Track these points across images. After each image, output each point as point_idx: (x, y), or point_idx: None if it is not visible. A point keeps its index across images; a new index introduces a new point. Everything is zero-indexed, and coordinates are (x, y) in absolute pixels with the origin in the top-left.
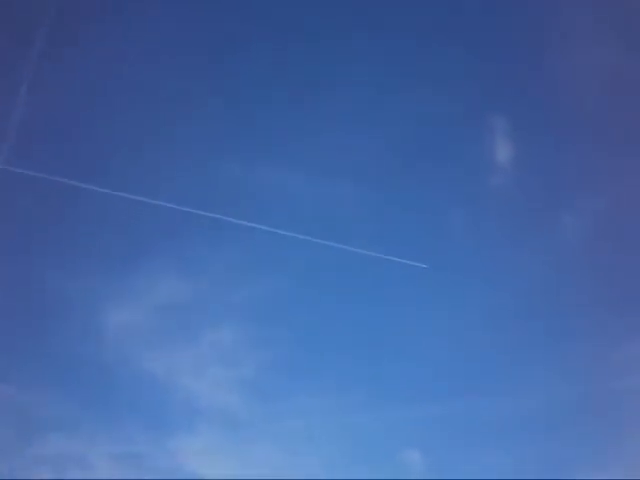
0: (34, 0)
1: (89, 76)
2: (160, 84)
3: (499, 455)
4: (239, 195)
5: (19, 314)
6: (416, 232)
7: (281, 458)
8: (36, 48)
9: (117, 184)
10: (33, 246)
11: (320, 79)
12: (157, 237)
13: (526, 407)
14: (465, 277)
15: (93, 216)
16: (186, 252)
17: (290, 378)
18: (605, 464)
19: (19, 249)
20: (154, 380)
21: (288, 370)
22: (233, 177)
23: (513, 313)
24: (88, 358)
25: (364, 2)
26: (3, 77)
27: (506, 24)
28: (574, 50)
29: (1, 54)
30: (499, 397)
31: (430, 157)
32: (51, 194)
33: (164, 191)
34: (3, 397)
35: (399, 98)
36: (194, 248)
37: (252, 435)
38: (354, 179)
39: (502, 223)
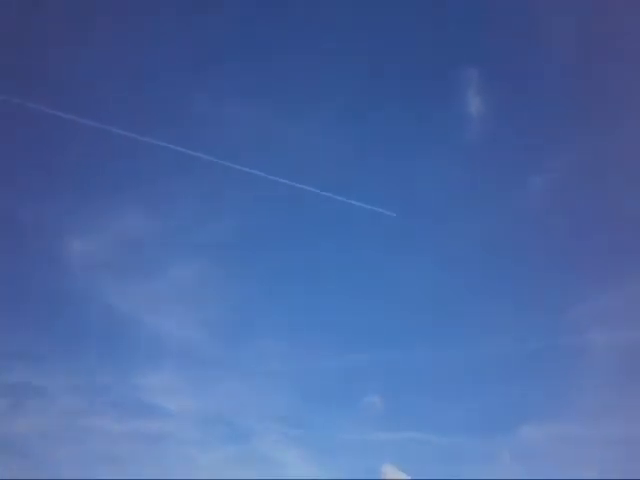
0: None
1: None
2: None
3: (456, 401)
4: (210, 132)
5: None
6: (385, 181)
7: (246, 397)
8: None
9: (86, 113)
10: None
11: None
12: (127, 170)
13: (483, 356)
14: (432, 226)
15: (62, 145)
16: (155, 187)
17: (256, 319)
18: (556, 413)
19: None
20: (119, 314)
21: (254, 311)
22: (205, 114)
23: (477, 265)
24: (52, 289)
25: None
26: None
27: None
28: (549, 10)
29: None
30: (459, 346)
31: (403, 109)
32: (18, 121)
33: (137, 124)
34: None
35: (372, 44)
36: (164, 183)
37: (217, 373)
38: (325, 125)
39: (470, 175)
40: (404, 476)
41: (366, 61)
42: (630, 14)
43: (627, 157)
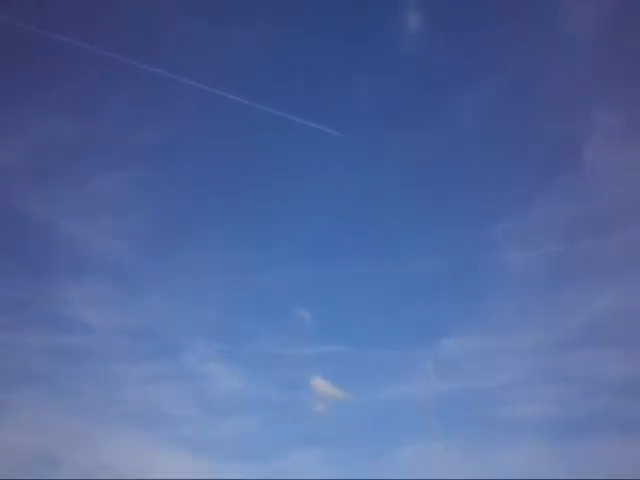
0: None
1: None
2: None
3: (381, 315)
4: (144, 37)
5: None
6: (329, 101)
7: (173, 311)
8: None
9: (6, 10)
10: None
11: None
12: (50, 73)
13: (408, 272)
14: (374, 146)
15: None
16: (80, 91)
17: (181, 232)
18: (474, 327)
19: None
20: (38, 224)
21: (181, 223)
22: (137, 15)
23: (409, 183)
24: None
25: None
26: None
27: None
28: None
29: None
30: (385, 261)
31: (341, 27)
32: None
33: (60, 22)
34: None
35: None
36: (88, 87)
37: (142, 287)
38: (265, 36)
39: (409, 94)
40: (332, 389)
41: None
42: None
43: (556, 81)
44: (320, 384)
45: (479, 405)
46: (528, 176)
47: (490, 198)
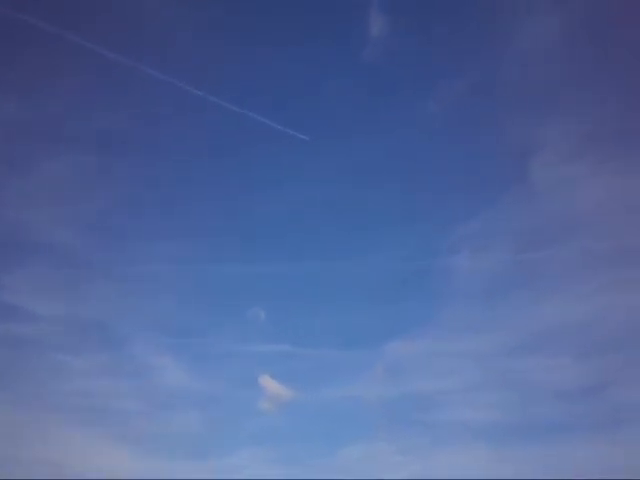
0: None
1: None
2: None
3: (333, 315)
4: (99, 17)
5: None
6: (297, 105)
7: (122, 302)
8: None
9: None
10: None
11: None
12: None
13: (361, 273)
14: (338, 149)
15: None
16: (26, 74)
17: (134, 221)
18: (423, 330)
19: None
20: None
21: (132, 212)
22: None
23: (372, 184)
24: None
25: None
26: None
27: None
28: None
29: None
30: (339, 262)
31: (312, 34)
32: None
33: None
34: None
35: None
36: (36, 70)
37: (90, 276)
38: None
39: (374, 97)
40: (281, 388)
41: None
42: None
43: (520, 87)
44: (268, 382)
45: (424, 408)
46: (484, 184)
47: (446, 204)
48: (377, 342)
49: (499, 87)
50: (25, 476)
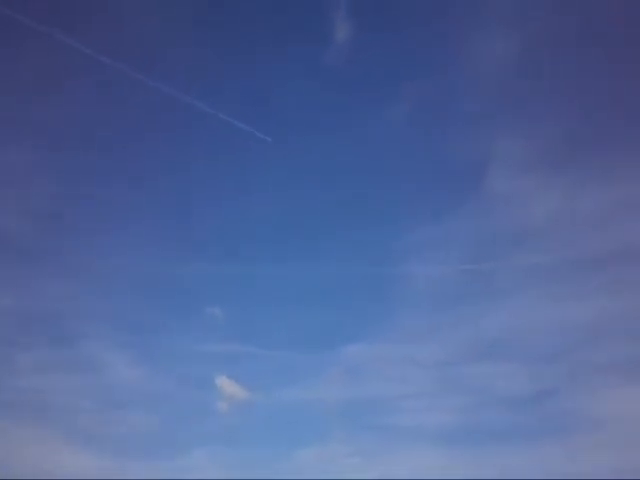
0: None
1: None
2: None
3: (289, 317)
4: (56, 3)
5: None
6: (262, 106)
7: (76, 296)
8: None
9: None
10: None
11: None
12: None
13: (321, 277)
14: (300, 152)
15: None
16: None
17: (93, 214)
18: (377, 335)
19: None
20: None
21: (91, 205)
22: None
23: (332, 191)
24: None
25: None
26: None
27: None
28: None
29: None
30: (300, 265)
31: (278, 38)
32: None
33: None
34: None
35: None
36: None
37: (42, 269)
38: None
39: (336, 100)
40: (238, 389)
41: None
42: None
43: (476, 99)
44: (226, 383)
45: (379, 411)
46: (440, 193)
47: (402, 211)
48: (334, 346)
49: (456, 99)
50: None
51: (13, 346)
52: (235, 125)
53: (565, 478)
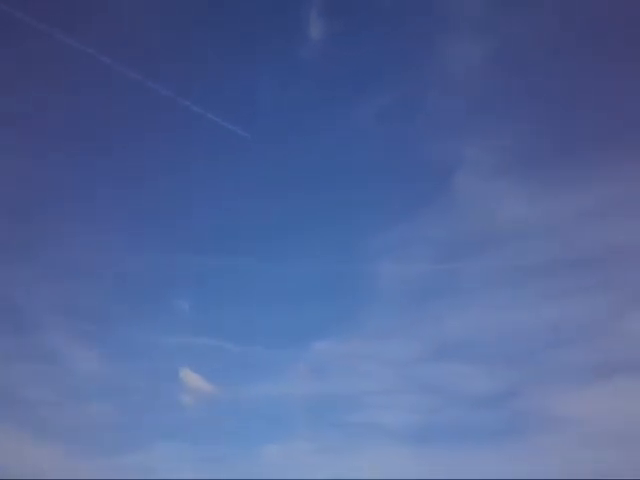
0: None
1: None
2: None
3: (257, 311)
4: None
5: None
6: (240, 102)
7: (31, 283)
8: None
9: None
10: None
11: None
12: None
13: (289, 273)
14: (276, 149)
15: None
16: None
17: (55, 202)
18: (346, 332)
19: None
20: None
21: (54, 192)
22: None
23: (307, 189)
24: None
25: None
26: None
27: None
28: None
29: None
30: (269, 259)
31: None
32: None
33: None
34: None
35: None
36: None
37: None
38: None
39: (313, 97)
40: (202, 382)
41: None
42: None
43: (446, 103)
44: (190, 376)
45: (345, 409)
46: (412, 193)
47: (373, 210)
48: (302, 342)
49: (429, 99)
50: None
51: None
52: (213, 120)
53: (526, 478)
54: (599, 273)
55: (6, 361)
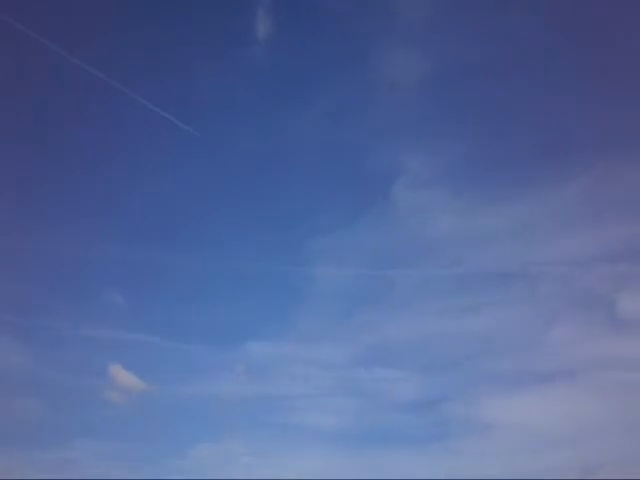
0: None
1: None
2: None
3: (194, 309)
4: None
5: None
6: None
7: None
8: None
9: None
10: None
11: None
12: None
13: (227, 272)
14: (222, 145)
15: None
16: None
17: None
18: (282, 334)
19: None
20: None
21: None
22: None
23: (248, 188)
24: None
25: None
26: None
27: None
28: None
29: None
30: (207, 257)
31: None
32: None
33: None
34: None
35: None
36: None
37: None
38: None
39: (256, 100)
40: (133, 379)
41: None
42: None
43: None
44: (120, 372)
45: (278, 410)
46: (351, 200)
47: (316, 215)
48: (238, 342)
49: (371, 107)
50: None
51: None
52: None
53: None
54: (526, 286)
55: None
